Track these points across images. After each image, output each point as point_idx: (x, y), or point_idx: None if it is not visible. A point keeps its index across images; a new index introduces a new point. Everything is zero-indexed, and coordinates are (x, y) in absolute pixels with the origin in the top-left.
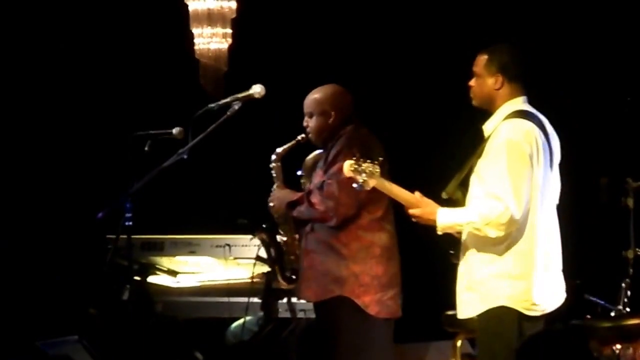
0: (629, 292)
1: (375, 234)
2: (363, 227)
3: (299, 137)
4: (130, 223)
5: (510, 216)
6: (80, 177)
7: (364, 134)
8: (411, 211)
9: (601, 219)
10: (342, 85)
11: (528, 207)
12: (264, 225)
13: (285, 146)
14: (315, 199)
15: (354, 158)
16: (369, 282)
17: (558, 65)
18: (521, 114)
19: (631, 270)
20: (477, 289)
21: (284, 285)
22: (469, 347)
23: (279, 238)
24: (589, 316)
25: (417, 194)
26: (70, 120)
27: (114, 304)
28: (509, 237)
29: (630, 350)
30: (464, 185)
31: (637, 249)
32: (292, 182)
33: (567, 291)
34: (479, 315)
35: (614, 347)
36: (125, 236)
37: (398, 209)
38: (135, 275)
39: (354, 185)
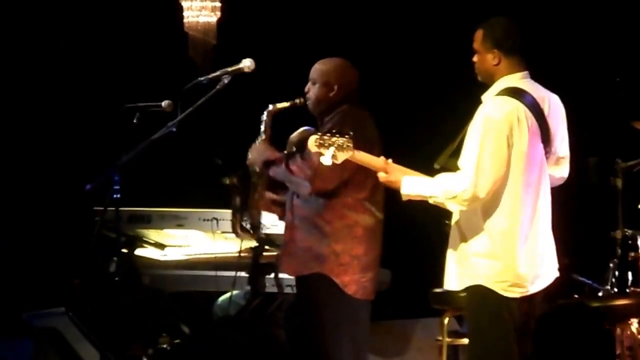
0: (616, 272)
1: (360, 215)
2: (348, 205)
3: (297, 100)
4: (118, 195)
5: (472, 193)
6: (69, 149)
7: (360, 114)
8: (380, 177)
9: (590, 199)
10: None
11: (497, 186)
12: (236, 173)
13: (280, 104)
14: (294, 165)
15: (318, 134)
16: (349, 262)
17: (548, 44)
18: (510, 92)
19: (619, 251)
20: (460, 264)
21: (238, 234)
22: (456, 325)
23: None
24: (576, 296)
25: (383, 158)
26: (60, 92)
27: (100, 276)
28: (490, 215)
29: (618, 331)
30: (456, 155)
31: (625, 230)
32: (277, 144)
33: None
34: (463, 291)
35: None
36: (113, 208)
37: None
38: (123, 247)
39: (322, 159)
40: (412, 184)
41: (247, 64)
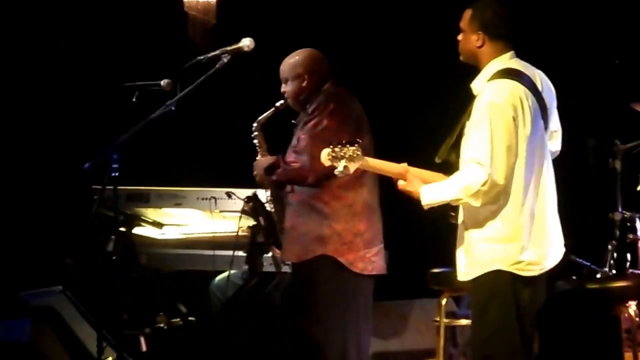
0: (615, 255)
1: (357, 192)
2: (343, 185)
3: (278, 104)
4: (117, 174)
5: (492, 182)
6: (68, 127)
7: (342, 92)
8: (399, 186)
9: (588, 181)
10: (331, 40)
11: (512, 171)
12: (247, 196)
13: (265, 114)
14: (290, 157)
15: (330, 146)
16: (352, 240)
17: (547, 26)
18: (506, 73)
19: (618, 233)
20: (471, 252)
21: (276, 252)
22: (454, 306)
23: (268, 207)
24: (574, 277)
25: (404, 165)
26: (60, 71)
27: (98, 255)
28: (497, 201)
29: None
30: (457, 147)
31: (624, 212)
32: (276, 150)
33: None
34: (478, 278)
35: None
36: (111, 187)
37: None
38: (121, 226)
39: (335, 172)
40: (432, 193)
41: (246, 43)
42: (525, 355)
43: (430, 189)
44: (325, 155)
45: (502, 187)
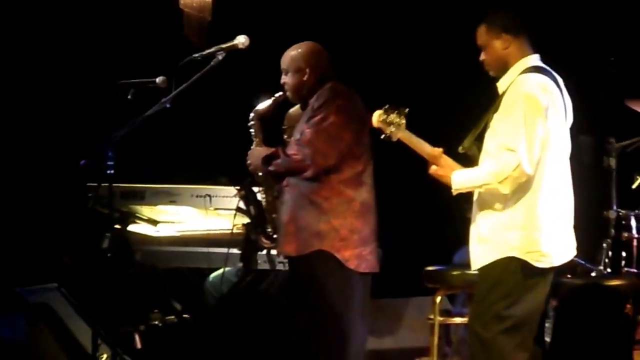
0: (609, 253)
1: (357, 189)
2: (345, 181)
3: (277, 95)
4: (112, 171)
5: (522, 170)
6: (64, 124)
7: (346, 90)
8: (431, 170)
9: (583, 179)
10: (337, 38)
11: (539, 162)
12: (243, 183)
13: (263, 104)
14: (292, 150)
15: (384, 108)
16: (349, 237)
17: (542, 22)
18: (537, 69)
19: (612, 231)
20: (487, 240)
21: (266, 243)
22: (448, 304)
23: (259, 196)
24: (569, 276)
25: (439, 150)
26: (55, 68)
27: (93, 252)
28: (519, 190)
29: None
30: (479, 141)
31: (619, 210)
32: (271, 142)
33: None
34: (490, 265)
35: None
36: (106, 184)
37: (377, 163)
38: (116, 223)
39: (382, 137)
40: (463, 178)
41: (241, 40)
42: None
43: (461, 174)
44: (377, 118)
45: (529, 177)
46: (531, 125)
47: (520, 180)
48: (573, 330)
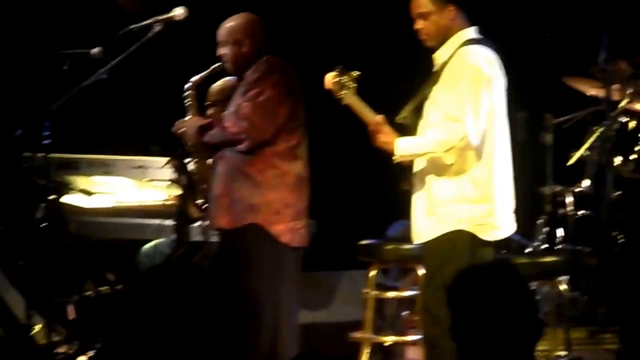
0: (544, 229)
1: (291, 162)
2: (279, 154)
3: (214, 66)
4: (49, 141)
5: (468, 141)
6: None
7: (283, 63)
8: (374, 135)
9: (519, 154)
10: (268, 8)
11: (484, 133)
12: (175, 153)
13: (200, 75)
14: (228, 122)
15: (337, 70)
16: (283, 210)
17: None
18: (479, 42)
19: (548, 207)
20: (437, 212)
21: (194, 213)
22: (382, 277)
23: (190, 166)
24: (504, 251)
25: (382, 117)
26: None
27: (27, 222)
28: (466, 162)
29: (547, 288)
30: (417, 113)
31: (554, 186)
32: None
33: None
34: (430, 240)
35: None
36: (41, 154)
37: (315, 138)
38: (50, 194)
39: (336, 96)
40: (408, 145)
41: (179, 12)
42: None
43: (406, 141)
44: (330, 79)
45: (474, 148)
46: (477, 97)
47: (465, 151)
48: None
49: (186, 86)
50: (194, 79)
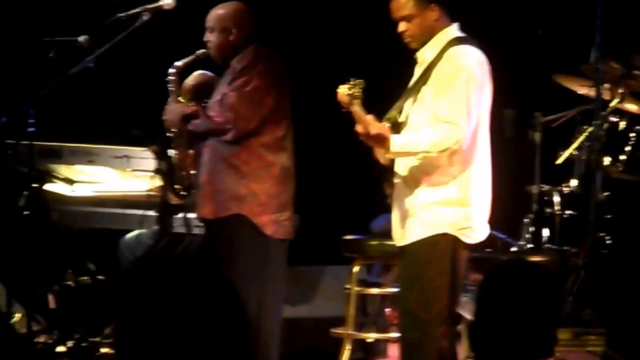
0: (530, 229)
1: (277, 154)
2: (265, 145)
3: (199, 52)
4: (33, 129)
5: (461, 145)
6: None
7: (269, 53)
8: (369, 130)
9: (506, 152)
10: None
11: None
12: (156, 138)
13: (184, 60)
14: (213, 111)
15: (351, 83)
16: (267, 202)
17: None
18: (466, 41)
19: (535, 206)
20: (420, 215)
21: (173, 200)
22: (365, 274)
23: (171, 152)
24: (489, 250)
25: (371, 116)
26: None
27: (9, 210)
28: (453, 165)
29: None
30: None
31: (542, 185)
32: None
33: None
34: (413, 242)
35: None
36: (25, 142)
37: (299, 131)
38: (33, 182)
39: (344, 109)
40: (403, 142)
41: (167, 1)
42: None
43: (401, 138)
44: (344, 93)
45: (463, 151)
46: (471, 100)
47: (455, 155)
48: (499, 305)
49: (169, 71)
50: (177, 63)
